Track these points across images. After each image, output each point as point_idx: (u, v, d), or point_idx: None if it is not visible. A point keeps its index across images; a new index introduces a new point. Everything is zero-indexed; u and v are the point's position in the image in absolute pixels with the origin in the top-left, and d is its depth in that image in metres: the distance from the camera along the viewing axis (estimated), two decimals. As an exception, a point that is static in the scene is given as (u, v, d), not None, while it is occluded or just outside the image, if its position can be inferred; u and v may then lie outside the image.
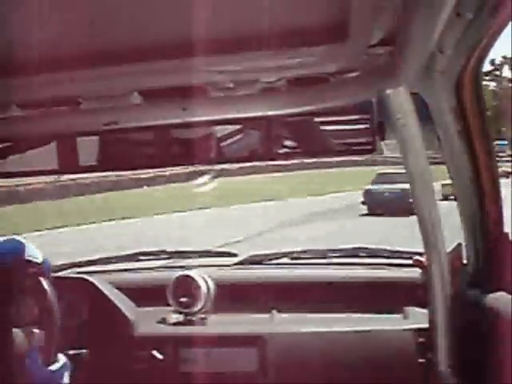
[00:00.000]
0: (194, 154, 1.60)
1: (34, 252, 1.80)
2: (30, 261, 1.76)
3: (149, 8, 0.99)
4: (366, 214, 17.96)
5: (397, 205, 16.52)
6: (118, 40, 1.13)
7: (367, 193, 18.84)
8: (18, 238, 1.81)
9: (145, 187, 21.36)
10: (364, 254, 2.49)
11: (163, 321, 2.16)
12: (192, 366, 2.01)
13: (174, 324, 2.15)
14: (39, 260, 1.78)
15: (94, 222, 15.76)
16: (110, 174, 19.10)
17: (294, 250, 2.59)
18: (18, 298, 1.70)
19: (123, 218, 16.40)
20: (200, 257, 2.66)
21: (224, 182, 18.34)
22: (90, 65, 1.18)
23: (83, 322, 1.93)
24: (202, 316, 2.15)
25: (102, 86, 1.36)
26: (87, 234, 13.83)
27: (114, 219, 16.30)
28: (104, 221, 16.14)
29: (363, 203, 18.55)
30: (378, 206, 17.82)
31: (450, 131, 1.54)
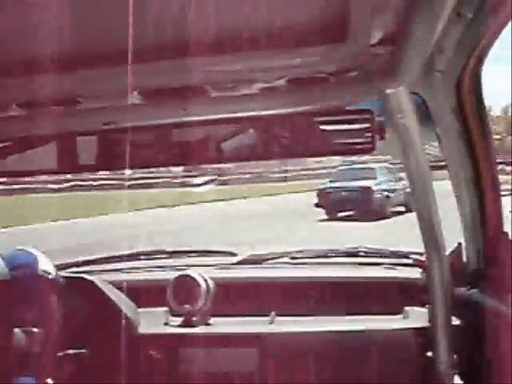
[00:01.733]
0: (194, 153, 1.60)
1: (48, 266, 1.80)
2: (42, 276, 1.76)
3: (149, 8, 0.99)
4: (325, 220, 14.16)
5: (360, 206, 13.93)
6: (118, 40, 1.13)
7: (322, 193, 14.93)
8: (30, 249, 1.81)
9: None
10: (364, 254, 2.49)
11: (163, 321, 2.16)
12: (192, 366, 2.01)
13: (174, 324, 2.15)
14: (52, 275, 1.78)
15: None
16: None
17: (294, 249, 2.59)
18: (29, 312, 1.72)
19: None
20: (200, 256, 2.66)
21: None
22: (90, 65, 1.18)
23: (83, 321, 1.93)
24: (202, 316, 2.15)
25: (102, 86, 1.36)
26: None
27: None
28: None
29: (317, 205, 14.74)
30: (336, 207, 14.39)
31: (450, 131, 1.54)
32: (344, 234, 10.08)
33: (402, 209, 14.23)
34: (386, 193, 14.86)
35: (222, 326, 2.12)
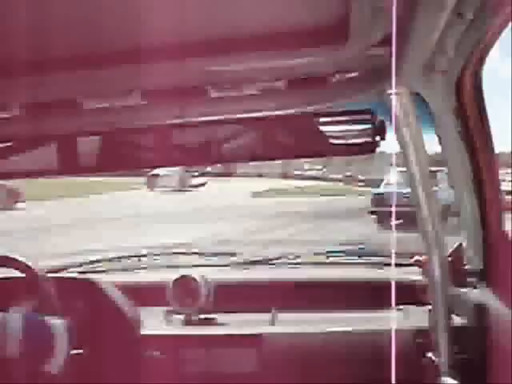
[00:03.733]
0: (194, 154, 1.60)
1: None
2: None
3: (149, 8, 0.99)
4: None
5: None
6: (118, 40, 1.13)
7: (377, 198, 13.12)
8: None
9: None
10: (364, 254, 2.49)
11: (163, 321, 2.16)
12: (192, 366, 2.01)
13: (174, 324, 2.15)
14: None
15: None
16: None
17: (294, 250, 2.59)
18: None
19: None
20: (200, 256, 2.67)
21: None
22: (90, 65, 1.18)
23: (84, 322, 1.93)
24: (202, 316, 2.15)
25: (102, 86, 1.36)
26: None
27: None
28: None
29: (372, 213, 12.99)
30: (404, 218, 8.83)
31: (450, 131, 1.54)
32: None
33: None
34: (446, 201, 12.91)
35: (223, 326, 2.12)
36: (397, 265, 2.35)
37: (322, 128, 1.53)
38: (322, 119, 1.51)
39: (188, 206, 16.94)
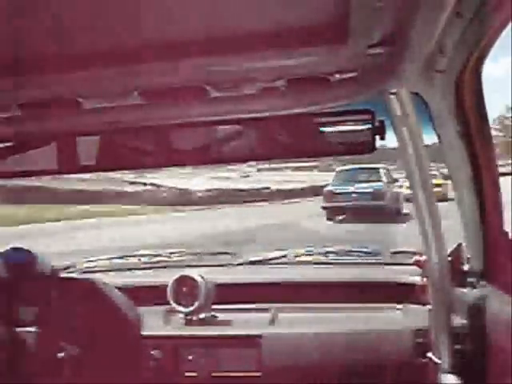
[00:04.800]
0: (194, 154, 1.60)
1: (46, 266, 1.84)
2: (41, 275, 1.81)
3: (149, 8, 0.99)
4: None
5: (373, 209, 13.19)
6: (118, 40, 1.13)
7: (329, 195, 14.30)
8: (26, 248, 1.86)
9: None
10: (364, 254, 2.49)
11: (163, 321, 2.17)
12: (192, 366, 2.01)
13: (174, 324, 2.15)
14: (49, 272, 1.84)
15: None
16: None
17: (294, 250, 2.59)
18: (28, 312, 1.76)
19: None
20: (200, 257, 2.67)
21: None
22: (90, 65, 1.18)
23: (85, 322, 1.93)
24: (202, 316, 2.15)
25: (102, 86, 1.36)
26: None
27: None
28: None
29: (324, 208, 14.25)
30: (348, 212, 13.56)
31: (450, 131, 1.54)
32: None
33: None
34: (395, 195, 14.03)
35: (222, 326, 2.12)
36: (397, 265, 2.36)
37: (322, 128, 1.53)
38: (322, 119, 1.51)
39: None
